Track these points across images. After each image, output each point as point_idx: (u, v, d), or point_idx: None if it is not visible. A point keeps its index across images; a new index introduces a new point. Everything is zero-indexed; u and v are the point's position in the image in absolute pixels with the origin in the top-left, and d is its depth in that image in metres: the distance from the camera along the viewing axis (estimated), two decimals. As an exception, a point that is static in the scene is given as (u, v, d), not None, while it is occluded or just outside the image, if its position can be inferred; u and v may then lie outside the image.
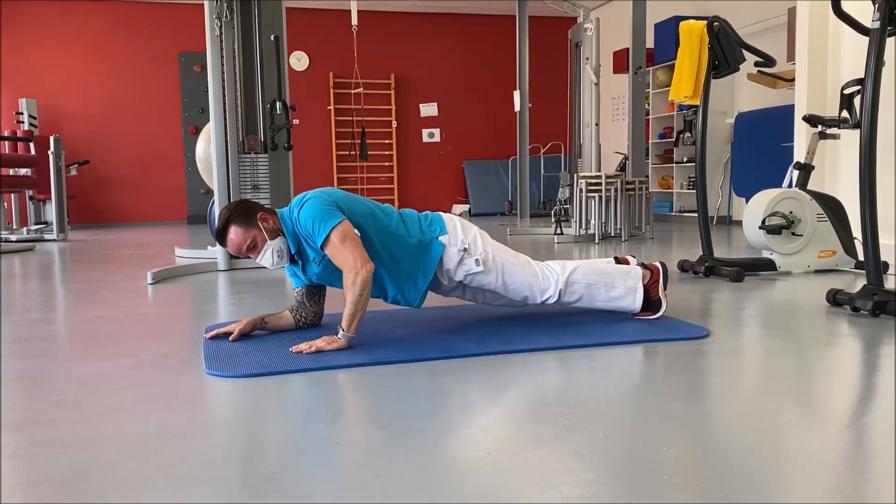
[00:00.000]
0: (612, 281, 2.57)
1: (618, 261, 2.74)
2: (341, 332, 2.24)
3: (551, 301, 2.54)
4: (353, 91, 10.37)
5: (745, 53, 3.78)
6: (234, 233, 2.30)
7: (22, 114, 8.98)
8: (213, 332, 2.44)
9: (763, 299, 3.20)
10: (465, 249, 2.45)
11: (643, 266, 2.66)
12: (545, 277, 2.51)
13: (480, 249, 2.47)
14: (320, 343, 2.21)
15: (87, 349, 2.41)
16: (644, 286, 2.60)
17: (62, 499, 1.25)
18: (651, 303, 2.62)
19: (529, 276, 2.51)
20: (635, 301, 2.59)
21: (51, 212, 7.57)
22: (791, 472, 1.34)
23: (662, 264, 2.67)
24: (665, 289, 2.65)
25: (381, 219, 2.41)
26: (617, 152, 9.55)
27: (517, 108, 9.03)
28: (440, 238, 2.44)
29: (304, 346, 2.21)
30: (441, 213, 2.56)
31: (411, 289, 2.46)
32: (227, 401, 1.82)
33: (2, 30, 9.41)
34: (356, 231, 2.29)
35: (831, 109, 4.72)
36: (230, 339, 2.38)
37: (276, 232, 2.35)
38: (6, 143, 8.27)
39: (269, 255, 2.34)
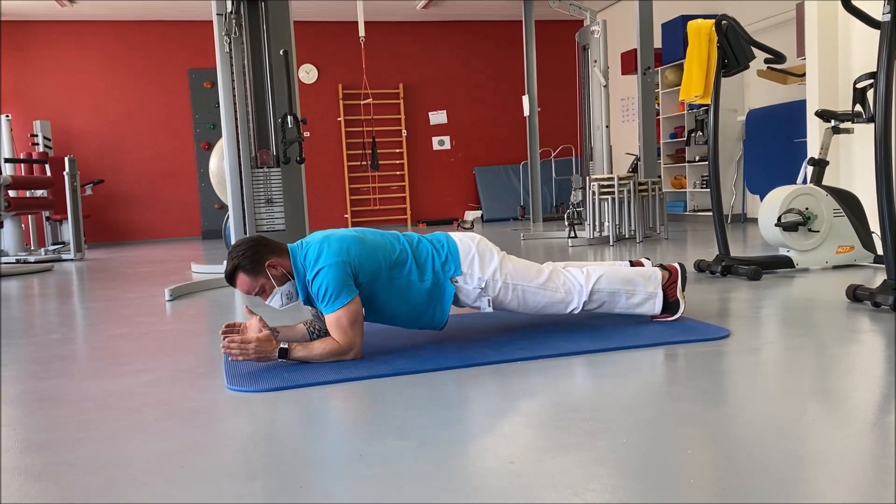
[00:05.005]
0: (634, 288, 2.55)
1: (632, 263, 2.73)
2: (291, 351, 2.21)
3: (575, 312, 2.55)
4: (362, 102, 10.42)
5: (755, 50, 3.77)
6: (241, 280, 2.30)
7: (36, 136, 9.08)
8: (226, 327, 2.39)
9: (782, 297, 3.17)
10: (482, 288, 2.41)
11: (661, 267, 2.65)
12: (568, 291, 2.50)
13: (500, 283, 2.42)
14: (256, 344, 2.18)
15: (107, 367, 2.43)
16: (662, 287, 2.59)
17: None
18: (669, 304, 2.60)
19: (551, 296, 2.49)
20: (655, 307, 2.58)
21: (67, 232, 7.65)
22: (817, 472, 1.32)
23: (681, 265, 2.65)
24: (683, 290, 2.63)
25: (394, 269, 2.35)
26: (628, 153, 9.52)
27: (526, 112, 9.03)
28: (454, 279, 2.40)
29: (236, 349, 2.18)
30: (459, 240, 2.47)
31: (429, 324, 2.46)
32: (249, 415, 1.83)
33: (2, 51, 9.53)
34: (362, 310, 2.28)
35: (843, 103, 4.69)
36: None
37: (286, 277, 2.32)
38: (22, 165, 8.37)
39: (278, 299, 2.35)
